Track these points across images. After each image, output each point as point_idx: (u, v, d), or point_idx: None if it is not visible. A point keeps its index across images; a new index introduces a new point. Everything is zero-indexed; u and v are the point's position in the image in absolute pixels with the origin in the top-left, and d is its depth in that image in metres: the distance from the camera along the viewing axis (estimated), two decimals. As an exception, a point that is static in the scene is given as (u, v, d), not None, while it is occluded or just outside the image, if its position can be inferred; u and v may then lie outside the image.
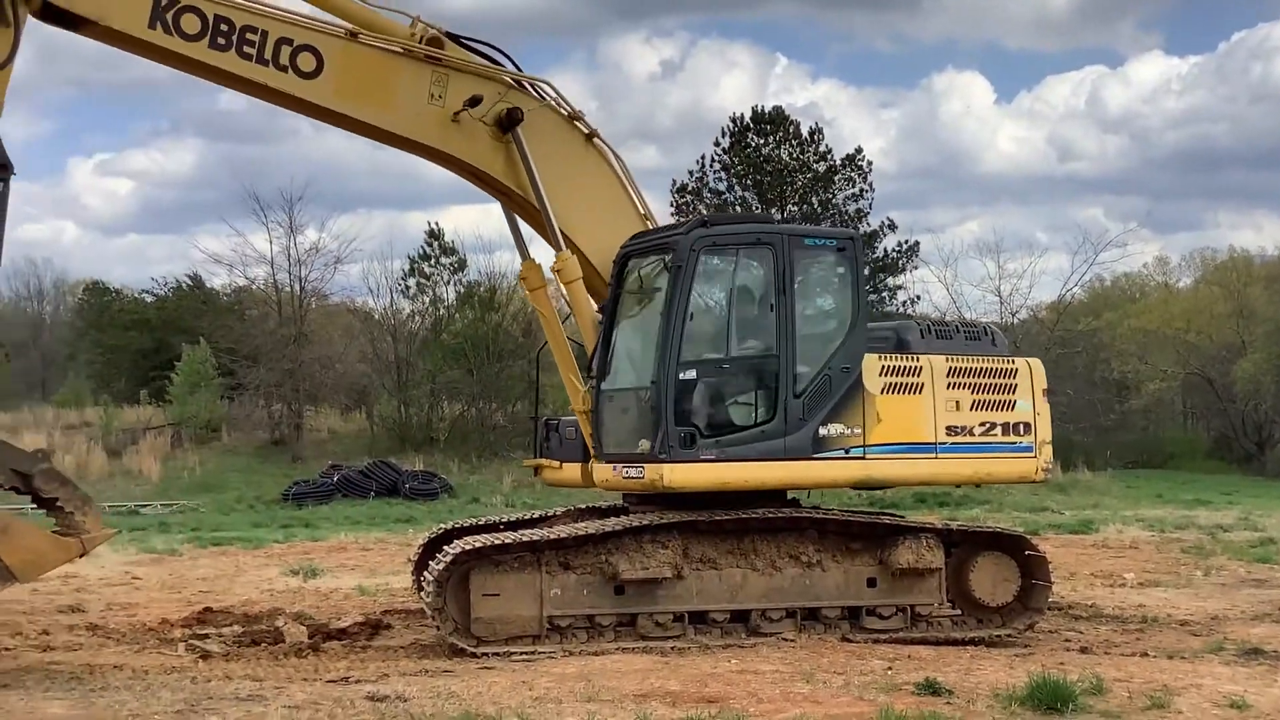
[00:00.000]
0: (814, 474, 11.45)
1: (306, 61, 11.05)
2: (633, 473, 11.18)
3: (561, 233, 12.10)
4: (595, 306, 12.22)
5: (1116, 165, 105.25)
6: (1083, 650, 11.35)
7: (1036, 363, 12.39)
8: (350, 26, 11.39)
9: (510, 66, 12.17)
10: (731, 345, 11.65)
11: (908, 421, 11.60)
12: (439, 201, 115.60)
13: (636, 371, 11.69)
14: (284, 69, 10.98)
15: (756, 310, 11.61)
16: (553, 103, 12.27)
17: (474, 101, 11.72)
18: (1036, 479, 12.25)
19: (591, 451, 11.77)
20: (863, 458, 11.41)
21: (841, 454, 11.33)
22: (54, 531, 10.13)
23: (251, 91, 11.32)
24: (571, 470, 12.17)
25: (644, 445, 11.07)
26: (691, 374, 11.10)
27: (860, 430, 11.37)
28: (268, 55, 10.88)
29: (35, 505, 10.43)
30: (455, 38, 11.88)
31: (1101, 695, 8.80)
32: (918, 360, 11.74)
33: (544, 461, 12.52)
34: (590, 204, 12.36)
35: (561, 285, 12.31)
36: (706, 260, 11.47)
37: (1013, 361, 12.20)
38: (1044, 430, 12.11)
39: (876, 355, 11.64)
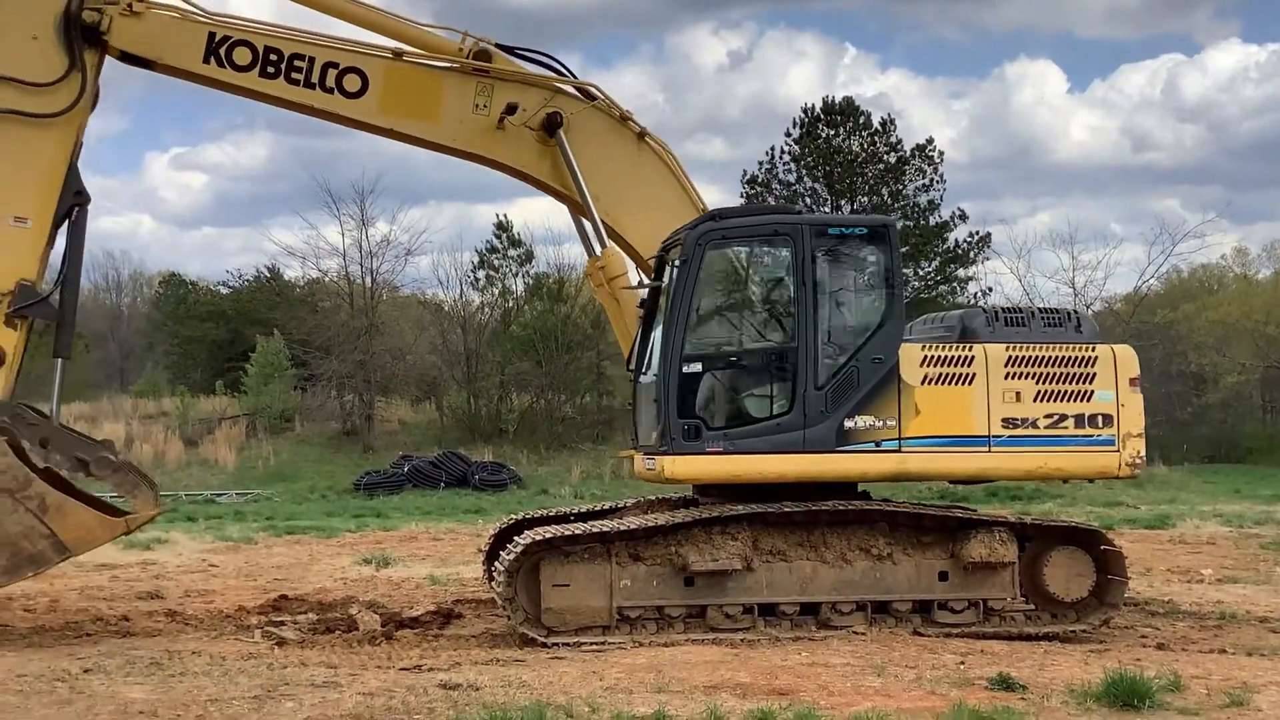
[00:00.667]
0: (838, 467, 11.24)
1: (352, 82, 11.95)
2: (650, 464, 11.42)
3: (610, 230, 12.57)
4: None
5: (1193, 155, 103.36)
6: (1159, 647, 11.18)
7: (1125, 350, 11.75)
8: (398, 46, 12.17)
9: (565, 74, 12.71)
10: (744, 338, 11.70)
11: (953, 413, 11.29)
12: (507, 194, 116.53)
13: (653, 364, 11.81)
14: (330, 90, 11.92)
15: (773, 302, 11.69)
16: (603, 105, 12.57)
17: (511, 109, 12.24)
18: (1120, 475, 11.55)
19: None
20: (897, 450, 11.20)
21: (872, 447, 11.17)
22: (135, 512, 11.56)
23: (302, 111, 12.19)
24: None
25: (653, 437, 11.38)
26: (696, 367, 11.23)
27: (895, 423, 11.18)
28: (315, 79, 11.84)
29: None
30: (507, 49, 12.47)
31: (1179, 692, 8.67)
32: (969, 350, 11.41)
33: (635, 452, 12.59)
34: (644, 202, 12.70)
35: (607, 281, 12.60)
36: (717, 254, 11.50)
37: (1092, 349, 11.59)
38: (1130, 422, 11.51)
39: (919, 345, 11.45)
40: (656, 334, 11.86)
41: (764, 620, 11.18)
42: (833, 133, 49.61)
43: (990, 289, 50.33)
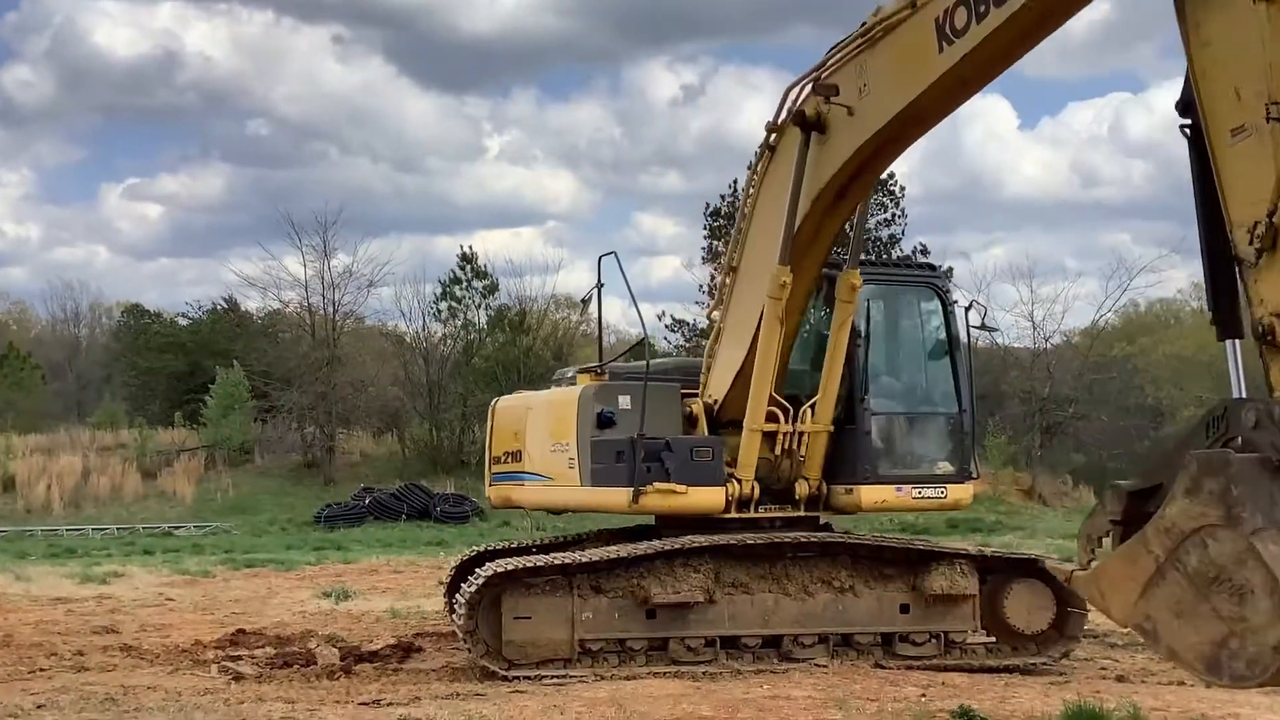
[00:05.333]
0: (968, 498, 12.37)
1: None
2: (930, 493, 11.86)
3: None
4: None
5: (1142, 191, 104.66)
6: (1119, 679, 11.23)
7: None
8: None
9: None
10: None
11: None
12: (466, 226, 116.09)
13: (916, 396, 12.37)
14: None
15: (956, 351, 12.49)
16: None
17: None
18: None
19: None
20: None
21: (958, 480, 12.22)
22: None
23: (1003, 50, 8.87)
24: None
25: (945, 468, 11.98)
26: (968, 404, 12.24)
27: None
28: None
29: None
30: None
31: (1138, 724, 8.71)
32: None
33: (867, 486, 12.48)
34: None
35: (843, 300, 11.53)
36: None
37: None
38: None
39: None
40: (881, 364, 12.15)
41: (726, 653, 11.16)
42: (795, 166, 49.90)
43: (951, 322, 50.59)
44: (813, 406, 11.49)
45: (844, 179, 10.68)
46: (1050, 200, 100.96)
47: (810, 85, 10.77)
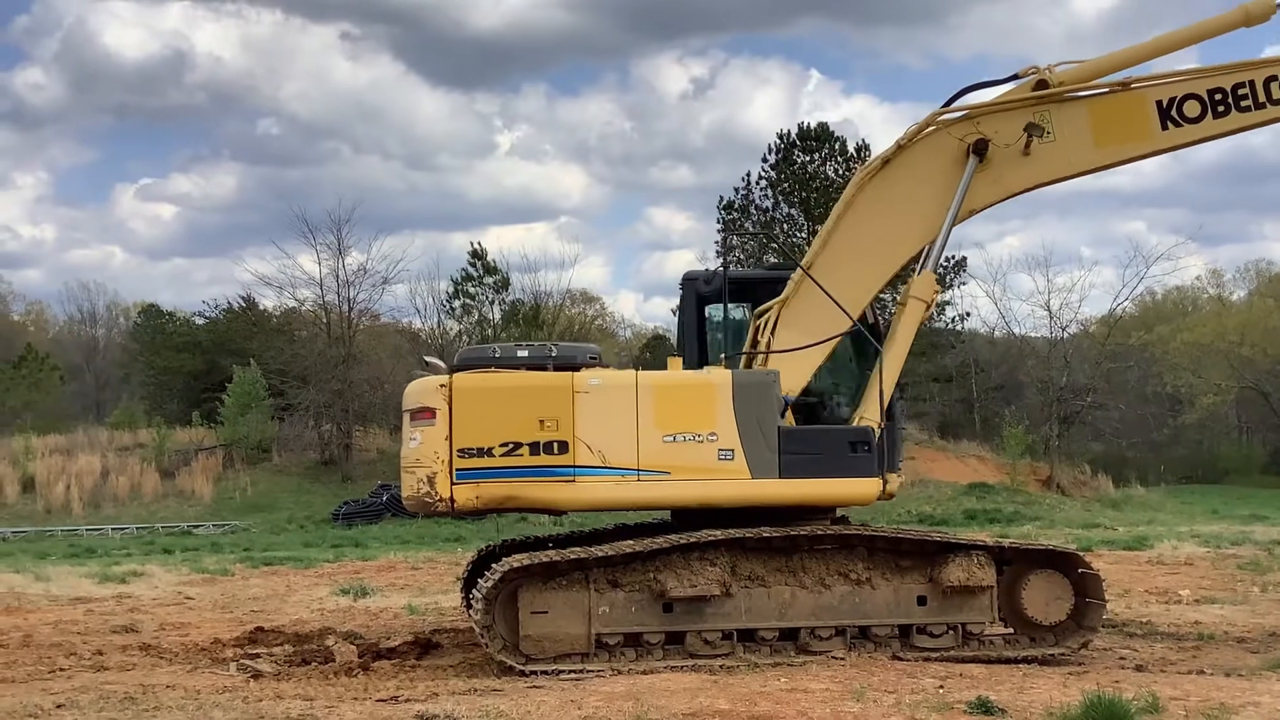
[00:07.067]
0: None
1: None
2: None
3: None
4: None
5: (1156, 179, 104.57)
6: (1138, 668, 11.19)
7: None
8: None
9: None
10: None
11: None
12: (479, 222, 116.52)
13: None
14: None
15: None
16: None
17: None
18: None
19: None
20: None
21: None
22: None
23: (1229, 135, 11.98)
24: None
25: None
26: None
27: None
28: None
29: None
30: None
31: (1158, 714, 8.66)
32: None
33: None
34: None
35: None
36: None
37: None
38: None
39: None
40: None
41: (743, 646, 11.14)
42: (808, 158, 49.85)
43: (968, 313, 50.60)
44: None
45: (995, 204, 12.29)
46: (1062, 189, 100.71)
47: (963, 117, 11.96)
